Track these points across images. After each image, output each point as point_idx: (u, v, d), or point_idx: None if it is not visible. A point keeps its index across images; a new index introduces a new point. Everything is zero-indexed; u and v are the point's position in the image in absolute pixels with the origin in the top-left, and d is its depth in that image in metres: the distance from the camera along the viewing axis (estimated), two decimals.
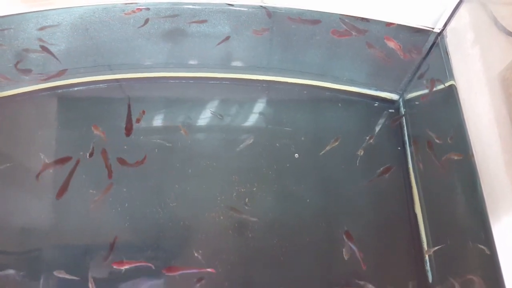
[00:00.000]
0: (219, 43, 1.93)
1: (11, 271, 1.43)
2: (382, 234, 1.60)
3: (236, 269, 1.49)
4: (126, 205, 1.58)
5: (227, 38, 1.94)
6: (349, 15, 1.90)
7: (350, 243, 1.50)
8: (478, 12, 1.59)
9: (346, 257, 1.49)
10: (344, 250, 1.49)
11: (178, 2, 1.99)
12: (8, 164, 1.65)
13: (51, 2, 1.88)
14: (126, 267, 1.45)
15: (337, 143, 1.72)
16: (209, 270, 1.46)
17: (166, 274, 1.46)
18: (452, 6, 1.68)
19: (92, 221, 1.53)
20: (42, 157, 1.63)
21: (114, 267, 1.44)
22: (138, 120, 1.73)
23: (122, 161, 1.65)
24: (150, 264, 1.46)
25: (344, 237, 1.53)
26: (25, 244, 1.50)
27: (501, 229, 1.22)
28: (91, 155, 1.67)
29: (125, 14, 1.95)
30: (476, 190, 1.32)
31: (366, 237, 1.58)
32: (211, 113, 1.80)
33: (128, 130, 1.71)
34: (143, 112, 1.74)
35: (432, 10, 1.76)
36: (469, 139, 1.41)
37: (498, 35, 1.47)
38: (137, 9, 1.94)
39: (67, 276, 1.42)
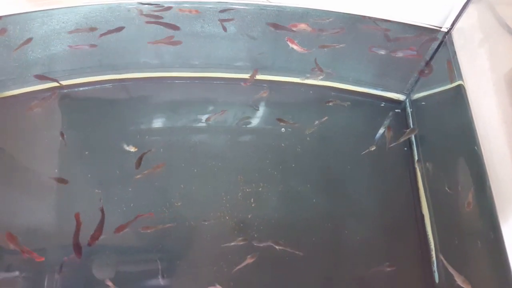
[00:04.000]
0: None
1: (16, 273, 1.43)
2: (388, 234, 1.59)
3: (242, 270, 1.48)
4: (132, 205, 1.58)
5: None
6: (355, 14, 1.89)
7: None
8: (486, 12, 1.58)
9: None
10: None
11: (181, 1, 1.98)
12: (12, 164, 1.65)
13: (56, 1, 1.88)
14: None
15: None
16: None
17: None
18: (459, 6, 1.68)
19: (98, 221, 1.52)
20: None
21: None
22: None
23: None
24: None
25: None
26: (30, 245, 1.49)
27: (511, 229, 1.21)
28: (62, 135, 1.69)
29: (180, 10, 1.90)
30: (485, 189, 1.31)
31: (372, 238, 1.57)
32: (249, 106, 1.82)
33: (94, 239, 1.47)
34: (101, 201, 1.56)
35: (439, 9, 1.75)
36: (478, 139, 1.40)
37: (505, 36, 1.46)
38: (195, 10, 1.89)
39: None
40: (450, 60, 1.68)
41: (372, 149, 1.71)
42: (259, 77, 1.91)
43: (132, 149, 1.65)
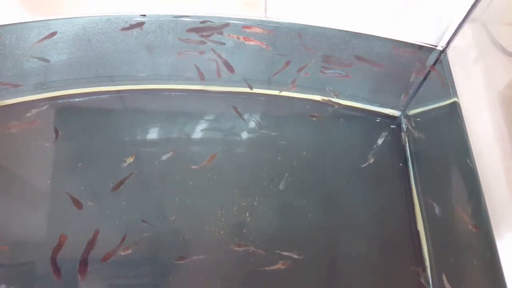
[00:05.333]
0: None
1: (2, 286, 1.40)
2: (384, 250, 1.58)
3: (236, 285, 1.46)
4: (124, 218, 1.55)
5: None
6: (352, 32, 1.92)
7: None
8: (480, 31, 1.61)
9: None
10: None
11: (179, 15, 1.99)
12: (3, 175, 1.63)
13: (54, 11, 1.88)
14: None
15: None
16: None
17: None
18: (455, 25, 1.71)
19: (89, 234, 1.49)
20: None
21: None
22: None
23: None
24: None
25: None
26: (19, 257, 1.47)
27: (507, 247, 1.21)
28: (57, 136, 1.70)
29: (228, 36, 1.93)
30: (480, 206, 1.32)
31: (367, 253, 1.56)
32: (252, 121, 1.82)
33: (83, 270, 1.45)
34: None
35: (435, 28, 1.79)
36: (473, 155, 1.41)
37: (499, 54, 1.49)
38: (244, 37, 1.87)
39: None
40: (445, 78, 1.71)
41: (371, 161, 1.72)
42: (255, 90, 1.92)
43: (130, 159, 1.64)
